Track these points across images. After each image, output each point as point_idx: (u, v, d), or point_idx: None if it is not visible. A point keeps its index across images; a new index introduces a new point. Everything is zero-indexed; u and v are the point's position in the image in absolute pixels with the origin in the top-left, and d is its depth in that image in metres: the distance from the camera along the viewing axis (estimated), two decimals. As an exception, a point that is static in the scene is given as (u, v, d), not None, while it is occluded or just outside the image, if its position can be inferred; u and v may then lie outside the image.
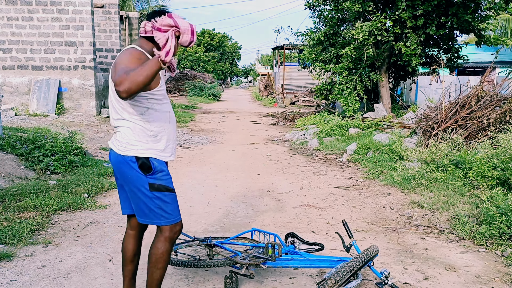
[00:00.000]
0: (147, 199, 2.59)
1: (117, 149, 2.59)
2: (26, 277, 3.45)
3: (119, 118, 2.58)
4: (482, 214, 4.49)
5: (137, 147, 2.55)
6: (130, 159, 2.56)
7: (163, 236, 2.67)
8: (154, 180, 2.58)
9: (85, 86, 13.52)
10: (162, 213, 2.62)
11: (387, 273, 3.10)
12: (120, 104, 2.54)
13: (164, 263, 2.67)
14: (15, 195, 5.28)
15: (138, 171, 2.56)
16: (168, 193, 2.64)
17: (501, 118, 6.98)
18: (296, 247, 3.58)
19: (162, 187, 2.60)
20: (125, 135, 2.57)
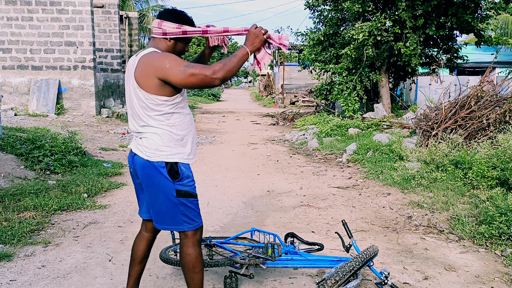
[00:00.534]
0: (173, 206, 2.60)
1: (145, 155, 2.57)
2: (26, 277, 3.45)
3: (145, 125, 2.57)
4: (482, 214, 4.49)
5: (166, 152, 2.56)
6: (159, 165, 2.55)
7: (190, 242, 2.68)
8: (181, 187, 2.59)
9: (85, 86, 13.53)
10: (186, 219, 2.64)
11: (386, 273, 3.10)
12: (146, 111, 2.54)
13: (200, 265, 2.70)
14: (15, 195, 5.28)
15: (167, 177, 2.56)
16: (192, 199, 2.65)
17: (501, 118, 6.99)
18: (296, 247, 3.58)
19: (188, 193, 2.62)
20: (153, 141, 2.56)
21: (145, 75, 2.47)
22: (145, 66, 2.48)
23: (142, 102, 2.54)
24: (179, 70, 2.41)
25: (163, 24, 2.59)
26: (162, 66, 2.43)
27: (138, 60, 2.54)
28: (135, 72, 2.52)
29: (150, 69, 2.46)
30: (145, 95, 2.51)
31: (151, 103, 2.52)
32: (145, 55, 2.53)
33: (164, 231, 4.51)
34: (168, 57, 2.48)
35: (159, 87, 2.49)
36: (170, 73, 2.42)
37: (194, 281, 2.70)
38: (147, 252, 2.96)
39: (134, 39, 20.66)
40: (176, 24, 2.59)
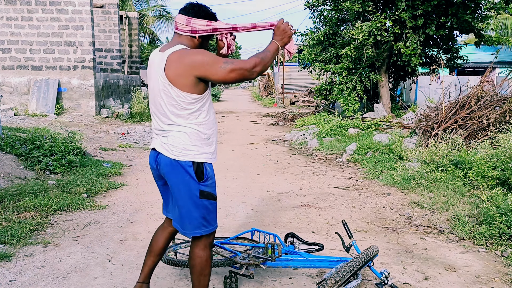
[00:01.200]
0: (194, 207, 2.58)
1: (172, 154, 2.53)
2: (25, 277, 3.44)
3: (172, 123, 2.53)
4: (482, 214, 4.49)
5: (193, 152, 2.53)
6: (187, 164, 2.52)
7: (202, 244, 2.66)
8: (204, 187, 2.57)
9: (85, 86, 13.52)
10: (204, 222, 2.62)
11: (387, 273, 3.09)
12: (176, 109, 2.50)
13: (209, 268, 2.68)
14: (15, 195, 5.27)
15: (193, 177, 2.53)
16: (213, 202, 2.65)
17: (501, 118, 6.98)
18: (296, 247, 3.57)
19: (210, 195, 2.61)
20: (180, 140, 2.52)
21: (180, 73, 2.42)
22: (180, 63, 2.42)
23: (173, 100, 2.48)
24: (220, 67, 2.39)
25: (192, 22, 2.53)
26: (201, 64, 2.40)
27: (167, 57, 2.46)
28: (165, 69, 2.45)
29: (186, 67, 2.41)
30: (177, 93, 2.45)
31: (183, 101, 2.47)
32: (176, 52, 2.46)
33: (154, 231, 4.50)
34: (204, 54, 2.44)
35: (193, 85, 2.45)
36: (211, 71, 2.41)
37: (201, 283, 2.67)
38: (166, 245, 2.94)
39: (134, 39, 20.65)
40: (205, 21, 2.55)
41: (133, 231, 4.57)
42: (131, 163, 8.10)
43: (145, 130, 11.97)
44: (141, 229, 4.62)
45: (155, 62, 2.55)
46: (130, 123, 13.58)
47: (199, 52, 2.45)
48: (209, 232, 2.65)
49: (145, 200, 5.72)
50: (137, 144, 10.32)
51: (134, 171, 7.45)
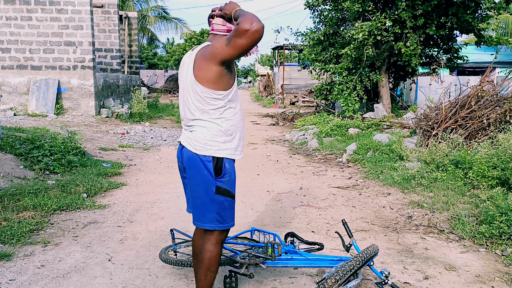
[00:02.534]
0: (209, 202, 2.63)
1: (194, 148, 2.61)
2: (25, 276, 3.44)
3: (196, 118, 2.62)
4: (482, 213, 4.48)
5: (214, 147, 2.59)
6: (206, 159, 2.59)
7: (214, 239, 2.69)
8: (221, 184, 2.62)
9: (84, 86, 13.51)
10: (218, 217, 2.65)
11: (387, 272, 3.09)
12: (200, 105, 2.58)
13: (217, 265, 2.72)
14: (14, 195, 5.27)
15: (211, 172, 2.59)
16: (230, 199, 2.68)
17: (501, 118, 6.97)
18: (296, 246, 3.57)
19: (226, 192, 2.65)
20: (203, 134, 2.60)
21: (203, 67, 2.51)
22: (203, 58, 2.52)
23: (198, 96, 2.56)
24: (225, 45, 2.41)
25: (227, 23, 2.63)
26: (214, 51, 2.46)
27: (195, 54, 2.58)
28: (193, 67, 2.56)
29: (206, 60, 2.50)
30: (202, 89, 2.54)
31: (207, 96, 2.54)
32: (202, 49, 2.58)
33: (165, 231, 4.50)
34: (216, 43, 2.50)
35: (216, 80, 2.51)
36: (223, 53, 2.43)
37: (207, 278, 2.70)
38: None
39: (134, 39, 20.65)
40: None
41: (133, 230, 4.56)
42: (131, 163, 8.10)
43: (144, 130, 11.96)
44: (141, 229, 4.61)
45: (186, 61, 2.66)
46: (130, 123, 13.57)
47: (213, 44, 2.52)
48: (223, 228, 2.69)
49: (145, 200, 5.71)
50: (137, 144, 10.32)
51: (134, 171, 7.45)
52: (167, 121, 15.23)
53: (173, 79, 34.55)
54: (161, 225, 4.74)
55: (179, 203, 5.63)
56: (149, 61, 41.09)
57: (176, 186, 6.51)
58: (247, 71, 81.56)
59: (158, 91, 30.13)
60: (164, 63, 43.82)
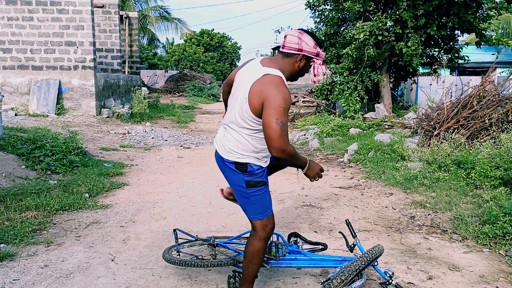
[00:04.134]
0: (244, 196, 2.81)
1: (221, 152, 2.81)
2: (29, 276, 3.43)
3: (235, 124, 2.75)
4: (485, 214, 4.48)
5: (238, 154, 2.75)
6: (229, 162, 2.78)
7: (258, 235, 2.85)
8: (249, 178, 2.77)
9: (85, 86, 13.51)
10: (257, 207, 2.82)
11: (391, 272, 3.08)
12: (239, 119, 2.71)
13: (259, 259, 2.86)
14: (16, 195, 5.26)
15: (236, 170, 2.77)
16: (262, 187, 2.82)
17: (503, 118, 6.97)
18: (300, 246, 3.56)
19: (256, 182, 2.79)
20: (230, 144, 2.77)
21: (257, 95, 2.59)
22: (262, 87, 2.59)
23: (242, 112, 2.68)
24: (274, 119, 2.51)
25: (303, 37, 2.68)
26: (268, 98, 2.54)
27: (261, 76, 2.62)
28: (251, 86, 2.62)
29: (263, 95, 2.57)
30: (247, 109, 2.64)
31: (248, 117, 2.66)
32: (269, 76, 2.61)
33: (167, 231, 4.50)
34: (279, 95, 2.55)
35: (260, 110, 2.60)
36: (267, 110, 2.54)
37: (249, 270, 2.88)
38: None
39: (134, 39, 20.64)
40: (314, 42, 2.69)
41: (136, 230, 4.56)
42: (132, 163, 8.09)
43: (145, 130, 11.96)
44: (144, 229, 4.61)
45: (250, 72, 2.71)
46: (130, 123, 13.57)
47: (279, 89, 2.56)
48: (265, 216, 2.83)
49: (147, 200, 5.71)
50: (138, 144, 10.31)
51: (136, 171, 7.44)
52: (168, 121, 15.23)
53: (173, 80, 34.55)
54: (164, 225, 4.73)
55: (181, 203, 5.62)
56: (149, 61, 41.07)
57: (178, 186, 6.51)
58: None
59: (159, 91, 30.12)
60: (164, 63, 43.78)
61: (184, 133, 12.47)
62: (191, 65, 47.53)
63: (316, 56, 2.73)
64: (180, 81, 34.01)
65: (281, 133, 2.52)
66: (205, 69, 47.95)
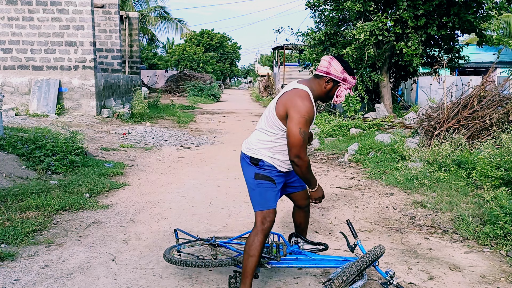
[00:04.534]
0: (253, 186, 3.09)
1: (244, 149, 3.19)
2: (30, 276, 3.43)
3: (261, 128, 3.12)
4: (486, 214, 4.47)
5: (255, 151, 3.09)
6: (246, 156, 3.13)
7: (257, 228, 3.04)
8: (260, 170, 3.08)
9: (86, 86, 13.50)
10: (260, 200, 3.06)
11: (392, 273, 3.07)
12: (267, 124, 3.07)
13: (256, 252, 2.98)
14: (17, 195, 5.26)
15: (249, 163, 3.11)
16: (269, 182, 3.07)
17: (504, 118, 6.97)
18: (300, 247, 3.56)
19: (264, 177, 3.07)
20: (253, 142, 3.13)
21: (283, 104, 2.95)
22: (289, 98, 2.95)
23: (269, 117, 3.05)
24: (298, 128, 2.87)
25: (333, 63, 2.97)
26: (293, 106, 2.90)
27: (290, 89, 3.01)
28: (281, 95, 3.01)
29: (288, 104, 2.92)
30: (273, 115, 3.01)
31: (273, 123, 3.02)
32: (297, 90, 2.98)
33: (168, 231, 4.50)
34: (303, 104, 2.89)
35: (285, 118, 2.95)
36: (291, 118, 2.89)
37: (247, 262, 3.00)
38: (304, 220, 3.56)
39: (134, 39, 20.64)
40: (342, 68, 2.97)
41: (136, 231, 4.56)
42: (132, 163, 8.09)
43: (146, 130, 11.95)
44: (144, 229, 4.61)
45: (285, 88, 3.11)
46: (131, 124, 13.56)
47: (304, 102, 2.90)
48: (266, 208, 3.04)
49: (148, 200, 5.71)
50: (138, 144, 10.31)
51: (136, 171, 7.44)
52: (168, 121, 15.22)
53: (173, 80, 34.54)
54: (164, 225, 4.73)
55: (181, 203, 5.62)
56: (149, 61, 41.06)
57: (178, 186, 6.51)
58: (247, 71, 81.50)
59: (159, 91, 30.12)
60: (164, 63, 43.78)
61: (184, 133, 12.47)
62: (191, 65, 47.52)
63: (342, 81, 2.99)
64: (180, 81, 34.01)
65: (301, 143, 2.87)
66: (205, 69, 47.94)
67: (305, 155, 2.93)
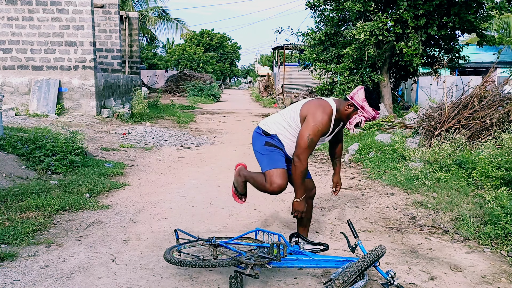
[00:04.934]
0: (263, 151, 3.51)
1: (261, 124, 3.65)
2: (30, 277, 3.42)
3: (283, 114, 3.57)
4: (487, 214, 4.47)
5: (269, 128, 3.57)
6: (260, 129, 3.62)
7: (267, 184, 3.47)
8: (270, 140, 3.54)
9: (85, 86, 13.49)
10: (269, 161, 3.46)
11: (392, 273, 3.07)
12: (290, 115, 3.51)
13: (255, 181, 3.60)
14: (17, 195, 5.25)
15: (260, 133, 3.60)
16: (277, 149, 3.51)
17: (504, 118, 6.97)
18: (301, 247, 3.56)
19: (273, 145, 3.51)
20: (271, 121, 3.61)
21: (306, 109, 3.39)
22: (314, 105, 3.38)
23: (294, 110, 3.49)
24: (307, 134, 3.29)
25: (359, 90, 3.32)
26: (308, 115, 3.34)
27: (324, 99, 3.44)
28: (310, 100, 3.48)
29: (310, 110, 3.35)
30: (298, 111, 3.45)
31: (294, 117, 3.46)
32: (324, 102, 3.41)
33: (168, 231, 4.49)
34: (317, 115, 3.30)
35: (303, 121, 3.39)
36: (305, 125, 3.33)
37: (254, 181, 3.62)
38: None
39: (134, 39, 20.63)
40: (364, 98, 3.27)
41: (136, 231, 4.55)
42: (132, 163, 8.08)
43: (146, 130, 11.95)
44: (144, 229, 4.60)
45: (321, 97, 3.55)
46: (131, 124, 13.55)
47: (323, 115, 3.31)
48: (274, 167, 3.42)
49: (148, 200, 5.70)
50: (138, 144, 10.30)
51: (136, 171, 7.44)
52: (168, 121, 15.22)
53: (173, 80, 34.54)
54: (165, 225, 4.73)
55: (182, 203, 5.61)
56: (149, 61, 41.05)
57: (179, 186, 6.50)
58: (247, 71, 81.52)
59: (159, 91, 30.11)
60: (164, 63, 43.77)
61: (184, 133, 12.46)
62: (191, 65, 47.53)
63: (361, 108, 3.28)
64: (180, 81, 34.01)
65: (306, 147, 3.26)
66: (205, 69, 47.96)
67: (304, 159, 3.26)
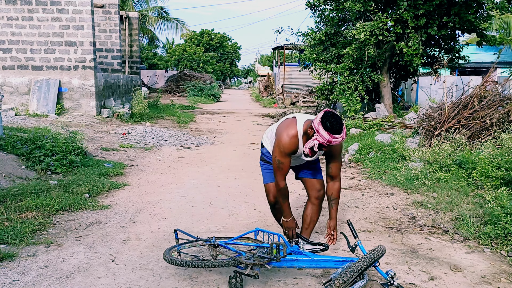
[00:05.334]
0: (260, 165, 4.02)
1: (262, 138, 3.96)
2: (29, 277, 3.42)
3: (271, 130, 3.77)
4: (487, 214, 4.46)
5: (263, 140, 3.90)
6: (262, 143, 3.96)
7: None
8: (262, 155, 3.94)
9: (85, 86, 13.49)
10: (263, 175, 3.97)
11: (392, 273, 3.06)
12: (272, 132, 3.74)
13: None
14: (16, 195, 5.25)
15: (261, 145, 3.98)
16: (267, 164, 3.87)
17: (504, 118, 6.96)
18: (301, 247, 3.55)
19: (265, 160, 3.91)
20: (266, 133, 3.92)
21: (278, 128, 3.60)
22: (283, 126, 3.55)
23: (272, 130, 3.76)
24: (274, 156, 3.51)
25: (320, 113, 3.31)
26: (277, 139, 3.51)
27: (292, 117, 3.57)
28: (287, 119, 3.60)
29: (278, 129, 3.60)
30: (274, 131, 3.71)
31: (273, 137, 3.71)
32: (293, 119, 3.54)
33: (167, 231, 4.49)
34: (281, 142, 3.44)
35: None
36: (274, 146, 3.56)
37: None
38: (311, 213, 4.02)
39: (134, 39, 20.62)
40: (319, 120, 3.24)
41: (136, 231, 4.54)
42: (132, 163, 8.08)
43: (146, 130, 11.94)
44: (144, 229, 4.59)
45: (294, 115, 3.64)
46: (130, 124, 13.55)
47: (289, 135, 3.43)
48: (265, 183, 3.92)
49: (147, 200, 5.69)
50: (138, 144, 10.30)
51: (136, 171, 7.43)
52: (168, 121, 15.21)
53: (173, 80, 34.52)
54: (164, 226, 4.72)
55: (181, 203, 5.61)
56: (149, 61, 41.05)
57: (178, 186, 6.50)
58: (247, 71, 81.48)
59: (159, 91, 30.11)
60: (164, 63, 43.77)
61: (184, 133, 12.46)
62: (191, 65, 47.51)
63: (316, 131, 3.26)
64: (180, 81, 34.00)
65: (276, 168, 3.49)
66: (205, 69, 47.94)
67: (280, 180, 3.50)
